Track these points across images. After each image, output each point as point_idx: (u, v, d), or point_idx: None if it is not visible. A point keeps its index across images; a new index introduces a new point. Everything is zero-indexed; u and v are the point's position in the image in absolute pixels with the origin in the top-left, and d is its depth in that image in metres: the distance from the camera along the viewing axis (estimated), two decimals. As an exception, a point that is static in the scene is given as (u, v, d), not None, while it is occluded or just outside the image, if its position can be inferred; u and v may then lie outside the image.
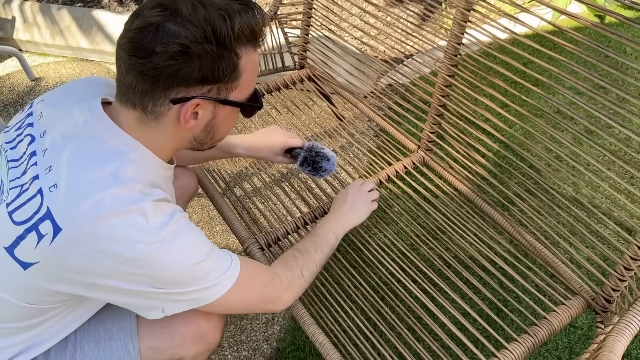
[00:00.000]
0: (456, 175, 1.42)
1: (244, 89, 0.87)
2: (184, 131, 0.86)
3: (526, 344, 1.05)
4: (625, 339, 0.89)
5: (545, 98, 1.08)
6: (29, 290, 0.84)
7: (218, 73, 0.80)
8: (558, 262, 1.19)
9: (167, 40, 0.75)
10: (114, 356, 1.00)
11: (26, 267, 0.80)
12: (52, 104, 0.91)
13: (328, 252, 1.14)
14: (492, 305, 1.45)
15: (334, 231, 1.17)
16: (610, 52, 0.97)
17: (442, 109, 1.41)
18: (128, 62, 0.78)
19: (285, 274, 1.01)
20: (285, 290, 1.00)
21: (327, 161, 1.27)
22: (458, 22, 1.22)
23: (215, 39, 0.77)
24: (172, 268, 0.82)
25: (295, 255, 1.07)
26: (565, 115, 1.86)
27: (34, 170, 0.82)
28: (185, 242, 0.83)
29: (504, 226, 1.29)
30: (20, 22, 2.86)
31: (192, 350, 1.03)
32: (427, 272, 1.24)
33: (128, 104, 0.83)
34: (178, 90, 0.80)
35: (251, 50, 0.84)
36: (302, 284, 1.05)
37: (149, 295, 0.83)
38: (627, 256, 1.02)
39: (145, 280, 0.81)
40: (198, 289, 0.86)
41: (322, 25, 1.74)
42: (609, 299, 1.08)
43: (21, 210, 0.80)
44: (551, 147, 1.13)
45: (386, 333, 1.16)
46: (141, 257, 0.78)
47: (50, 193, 0.79)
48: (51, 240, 0.77)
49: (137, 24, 0.77)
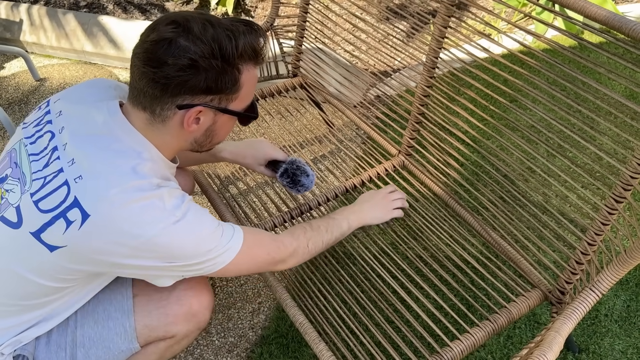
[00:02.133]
0: (433, 179, 1.54)
1: (242, 100, 0.99)
2: (187, 134, 0.98)
3: (486, 328, 1.15)
4: (571, 321, 1.00)
5: (521, 115, 1.20)
6: (51, 270, 0.94)
7: (221, 85, 0.92)
8: (521, 258, 1.31)
9: (178, 54, 0.87)
10: (111, 333, 1.10)
11: (53, 249, 0.91)
12: (69, 103, 1.01)
13: (337, 237, 1.25)
14: (463, 300, 1.56)
15: (349, 220, 1.29)
16: (579, 75, 1.09)
17: (420, 117, 1.53)
18: (142, 69, 0.90)
19: (291, 241, 1.14)
20: (289, 256, 1.13)
21: (306, 177, 1.35)
22: (436, 38, 1.35)
23: (221, 55, 0.89)
24: (186, 243, 0.93)
25: (306, 228, 1.19)
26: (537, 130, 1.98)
27: (58, 163, 0.92)
28: (195, 219, 0.95)
29: (475, 227, 1.41)
30: (28, 24, 2.98)
31: (184, 329, 1.14)
32: (406, 268, 1.34)
33: (139, 107, 0.94)
34: (184, 97, 0.91)
35: (252, 66, 0.96)
36: (306, 253, 1.17)
37: (167, 268, 0.95)
38: (579, 251, 1.14)
39: (164, 257, 0.93)
40: (209, 258, 0.97)
41: (316, 39, 1.87)
42: (562, 290, 1.20)
43: (47, 200, 0.90)
44: (524, 160, 1.25)
45: (365, 322, 1.26)
46: (161, 235, 0.89)
47: (76, 184, 0.89)
48: (80, 225, 0.87)
49: (152, 37, 0.89)
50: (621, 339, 1.50)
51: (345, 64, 2.15)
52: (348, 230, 1.29)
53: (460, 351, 1.13)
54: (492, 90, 1.27)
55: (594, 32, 1.01)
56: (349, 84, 1.90)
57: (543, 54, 1.11)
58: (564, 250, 1.21)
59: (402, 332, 1.23)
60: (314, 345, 1.12)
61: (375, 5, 1.77)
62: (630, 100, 0.98)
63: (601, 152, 1.06)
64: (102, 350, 1.09)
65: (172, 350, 1.17)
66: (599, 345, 1.48)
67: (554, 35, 2.62)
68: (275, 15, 1.92)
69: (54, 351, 1.06)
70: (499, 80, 2.23)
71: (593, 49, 1.02)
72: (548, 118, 1.14)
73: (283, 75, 2.02)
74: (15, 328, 1.02)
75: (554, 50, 1.34)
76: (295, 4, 2.15)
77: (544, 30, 2.49)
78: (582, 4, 0.93)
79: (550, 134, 1.16)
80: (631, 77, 2.30)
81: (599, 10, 0.91)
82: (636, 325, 1.52)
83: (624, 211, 1.04)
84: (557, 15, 1.09)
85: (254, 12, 2.97)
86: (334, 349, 1.15)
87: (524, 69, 2.39)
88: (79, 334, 1.09)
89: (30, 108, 2.58)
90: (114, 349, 1.09)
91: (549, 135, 1.15)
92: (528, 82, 2.18)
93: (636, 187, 1.00)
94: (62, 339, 1.07)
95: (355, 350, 1.19)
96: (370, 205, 1.36)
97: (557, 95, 1.11)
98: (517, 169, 1.28)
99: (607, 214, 1.05)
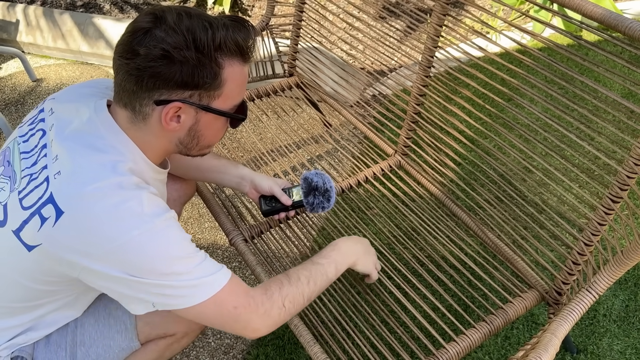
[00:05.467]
0: (430, 179, 1.53)
1: (228, 99, 0.93)
2: (169, 133, 0.94)
3: (483, 330, 1.14)
4: (567, 323, 0.99)
5: (517, 114, 1.19)
6: (33, 271, 0.92)
7: (197, 79, 0.87)
8: (517, 259, 1.29)
9: (151, 44, 0.84)
10: (112, 330, 1.09)
11: (30, 249, 0.88)
12: (61, 102, 1.00)
13: (322, 286, 1.07)
14: (459, 301, 1.55)
15: (337, 265, 1.10)
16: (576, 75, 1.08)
17: (417, 117, 1.52)
18: (117, 62, 0.88)
19: (263, 301, 0.96)
20: (258, 317, 0.95)
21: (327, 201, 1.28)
22: (431, 37, 1.34)
23: (195, 47, 0.85)
24: (157, 256, 0.86)
25: (283, 282, 1.01)
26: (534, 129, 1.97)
27: (44, 160, 0.91)
28: (173, 236, 0.89)
29: (471, 227, 1.40)
30: (24, 25, 2.97)
31: (185, 327, 1.13)
32: (402, 269, 1.33)
33: (121, 104, 0.92)
34: (161, 92, 0.87)
35: (237, 62, 0.90)
36: (282, 315, 0.99)
37: (134, 284, 0.87)
38: (575, 252, 1.13)
39: (131, 268, 0.86)
40: (179, 285, 0.88)
41: (312, 38, 1.86)
42: (559, 291, 1.19)
43: (29, 196, 0.89)
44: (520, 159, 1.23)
45: (360, 324, 1.25)
46: (133, 242, 0.85)
47: (54, 180, 0.87)
48: (54, 222, 0.85)
49: (129, 28, 0.88)
50: (620, 339, 1.49)
51: (342, 63, 2.14)
52: (335, 276, 1.10)
53: (456, 353, 1.11)
54: (488, 89, 1.26)
55: (591, 31, 1.00)
56: (345, 83, 1.89)
57: (540, 53, 1.10)
58: (561, 251, 1.20)
59: (398, 333, 1.22)
60: (309, 347, 1.11)
61: (371, 4, 1.76)
62: (627, 100, 0.97)
63: (598, 151, 1.05)
64: (102, 348, 1.08)
65: (172, 349, 1.16)
66: (597, 345, 1.47)
67: (552, 34, 2.60)
68: (271, 14, 1.91)
69: (54, 351, 1.05)
70: (496, 80, 2.22)
71: (590, 47, 1.01)
72: (545, 117, 1.13)
73: (279, 75, 2.01)
74: (10, 330, 1.01)
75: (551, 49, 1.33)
76: (291, 3, 2.14)
77: (542, 29, 2.48)
78: (578, 2, 0.91)
79: (547, 134, 1.14)
80: (628, 75, 2.29)
81: (595, 9, 0.90)
82: (635, 326, 1.51)
83: (620, 211, 1.03)
84: (555, 14, 1.08)
85: (250, 11, 2.96)
86: (329, 351, 1.14)
87: (521, 68, 2.38)
88: (79, 333, 1.08)
89: (27, 109, 2.57)
90: (114, 346, 1.09)
91: (546, 134, 1.14)
92: (525, 82, 2.17)
93: (633, 186, 0.99)
94: (61, 339, 1.06)
95: (351, 352, 1.18)
96: (364, 251, 1.20)
97: (554, 94, 1.10)
98: (514, 168, 1.27)
99: (603, 214, 1.04)
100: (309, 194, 1.27)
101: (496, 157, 1.71)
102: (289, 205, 1.28)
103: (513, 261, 1.30)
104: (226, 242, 1.87)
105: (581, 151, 1.18)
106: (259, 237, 1.43)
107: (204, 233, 1.91)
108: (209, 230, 1.92)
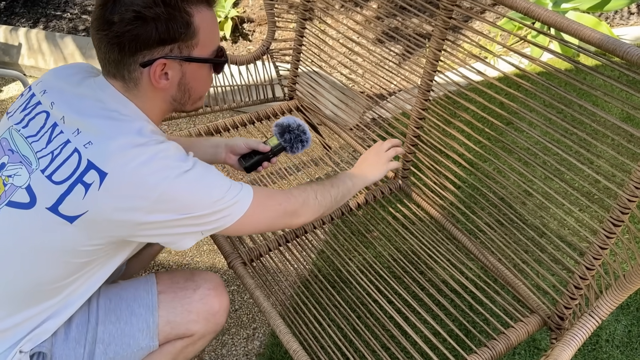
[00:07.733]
0: (430, 202, 1.53)
1: (205, 46, 0.98)
2: (161, 92, 0.98)
3: (484, 355, 1.13)
4: (570, 349, 0.97)
5: (517, 137, 1.19)
6: (75, 243, 0.94)
7: (173, 33, 0.92)
8: (519, 283, 1.28)
9: (122, 9, 0.89)
10: (134, 329, 1.10)
11: (73, 220, 0.91)
12: (52, 81, 1.03)
13: (343, 192, 1.22)
14: (460, 325, 1.53)
15: (352, 179, 1.27)
16: (574, 98, 1.09)
17: (416, 140, 1.52)
18: (97, 36, 0.93)
19: (299, 193, 1.12)
20: (300, 206, 1.10)
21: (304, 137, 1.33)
22: (430, 61, 1.35)
23: (162, 2, 0.89)
24: (198, 191, 0.94)
25: (311, 184, 1.19)
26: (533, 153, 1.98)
27: (62, 137, 0.94)
28: (203, 169, 0.96)
29: (472, 250, 1.39)
30: (26, 48, 2.99)
31: (203, 328, 1.15)
32: (402, 293, 1.32)
33: (110, 75, 0.97)
34: (143, 54, 0.92)
35: (204, 8, 0.95)
36: (317, 205, 1.14)
37: (185, 222, 0.94)
38: (577, 276, 1.12)
39: (179, 208, 0.93)
40: (222, 208, 0.97)
41: (312, 62, 1.88)
42: (562, 316, 1.17)
43: (59, 171, 0.91)
44: (520, 182, 1.23)
45: (361, 349, 1.23)
46: (175, 184, 0.91)
47: (86, 149, 0.91)
48: (99, 185, 0.88)
49: (98, 2, 0.92)
50: (623, 365, 1.46)
51: (341, 87, 2.15)
52: (352, 187, 1.26)
53: (458, 379, 1.10)
54: (487, 113, 1.26)
55: (589, 55, 1.01)
56: (345, 106, 1.90)
57: (539, 77, 1.11)
58: (563, 275, 1.19)
59: (399, 359, 1.21)
60: (308, 373, 1.09)
61: (370, 29, 1.78)
62: (626, 123, 0.98)
63: (598, 175, 1.05)
64: (121, 346, 1.08)
65: (186, 352, 1.17)
66: (601, 372, 1.45)
67: (550, 58, 2.63)
68: (271, 39, 1.93)
69: (72, 347, 1.06)
70: (495, 103, 2.23)
71: (588, 71, 1.02)
72: (544, 141, 1.13)
73: (279, 98, 2.02)
74: (33, 320, 1.00)
75: (550, 73, 1.34)
76: (292, 28, 2.16)
77: (540, 53, 2.51)
78: (576, 26, 0.92)
79: (547, 157, 1.15)
80: (627, 99, 2.31)
81: (592, 33, 0.91)
82: (638, 351, 1.49)
83: (622, 235, 1.02)
84: (552, 38, 1.09)
85: (251, 35, 2.99)
86: (328, 376, 1.12)
87: (520, 92, 2.40)
88: (100, 330, 1.08)
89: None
90: (134, 345, 1.09)
91: (546, 158, 1.14)
92: (524, 105, 2.18)
93: (634, 210, 0.98)
94: (81, 335, 1.07)
95: (351, 378, 1.16)
96: (367, 165, 1.35)
97: (553, 118, 1.10)
98: (514, 191, 1.26)
99: (605, 238, 1.04)
100: (283, 134, 1.32)
101: (496, 180, 1.71)
102: (269, 151, 1.31)
103: (514, 285, 1.29)
104: (225, 265, 1.85)
105: (581, 174, 1.18)
106: (257, 259, 1.42)
107: (202, 256, 1.90)
108: (207, 253, 1.91)
